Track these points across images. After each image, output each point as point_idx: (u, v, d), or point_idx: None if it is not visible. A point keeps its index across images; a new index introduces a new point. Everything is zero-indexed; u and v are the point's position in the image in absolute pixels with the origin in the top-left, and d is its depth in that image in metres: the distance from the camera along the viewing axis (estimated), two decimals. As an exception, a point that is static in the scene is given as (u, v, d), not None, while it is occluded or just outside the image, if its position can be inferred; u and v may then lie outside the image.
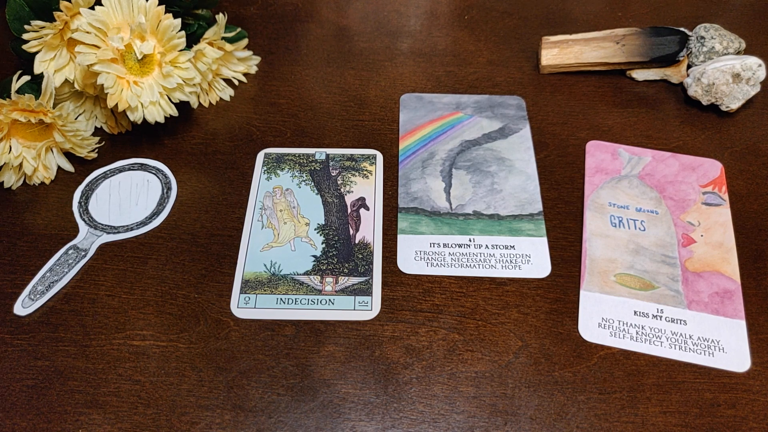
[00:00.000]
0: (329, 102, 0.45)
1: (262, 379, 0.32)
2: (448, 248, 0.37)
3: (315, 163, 0.41)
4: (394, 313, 0.35)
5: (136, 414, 0.31)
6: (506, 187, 0.40)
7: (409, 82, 0.46)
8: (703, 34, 0.45)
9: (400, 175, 0.41)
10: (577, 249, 0.37)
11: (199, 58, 0.42)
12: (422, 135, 0.43)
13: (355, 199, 0.39)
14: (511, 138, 0.43)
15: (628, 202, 0.39)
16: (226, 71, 0.46)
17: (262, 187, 0.40)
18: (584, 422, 0.31)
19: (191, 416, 0.31)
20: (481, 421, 0.31)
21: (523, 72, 0.47)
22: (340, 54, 0.48)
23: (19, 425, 0.31)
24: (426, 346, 0.33)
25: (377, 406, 0.31)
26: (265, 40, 0.49)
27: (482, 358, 0.33)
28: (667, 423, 0.31)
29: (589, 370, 0.32)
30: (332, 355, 0.33)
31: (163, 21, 0.37)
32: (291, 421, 0.31)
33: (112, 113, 0.42)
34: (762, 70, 0.42)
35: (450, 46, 0.49)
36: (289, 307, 0.35)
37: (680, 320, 0.34)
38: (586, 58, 0.45)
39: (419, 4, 0.52)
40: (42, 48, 0.38)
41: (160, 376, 0.32)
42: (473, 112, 0.44)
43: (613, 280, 0.35)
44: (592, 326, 0.34)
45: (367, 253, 0.37)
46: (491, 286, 0.36)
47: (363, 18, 0.51)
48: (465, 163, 0.41)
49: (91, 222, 0.38)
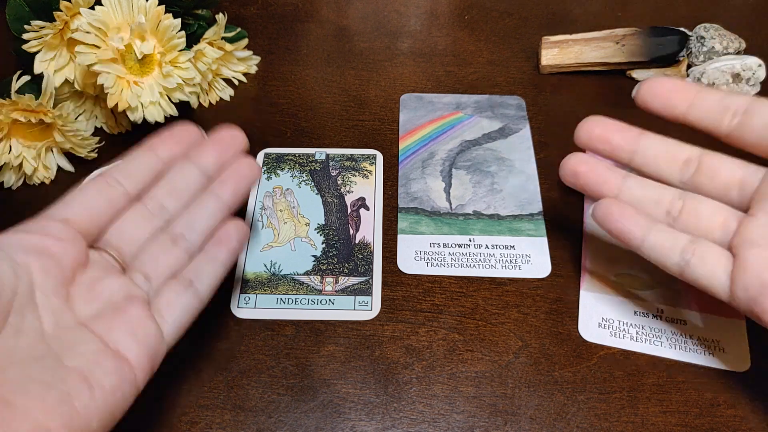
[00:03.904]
0: (329, 102, 0.45)
1: (262, 379, 0.32)
2: (448, 248, 0.37)
3: (315, 163, 0.41)
4: (394, 313, 0.35)
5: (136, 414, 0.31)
6: (506, 187, 0.40)
7: (409, 82, 0.46)
8: (703, 34, 0.45)
9: (400, 175, 0.41)
10: (577, 249, 0.37)
11: (199, 58, 0.42)
12: (422, 135, 0.43)
13: (355, 199, 0.39)
14: (511, 138, 0.43)
15: (628, 202, 0.39)
16: (226, 71, 0.46)
17: (262, 187, 0.40)
18: (584, 422, 0.31)
19: (191, 416, 0.31)
20: (481, 421, 0.31)
21: (523, 72, 0.47)
22: (340, 54, 0.48)
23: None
24: (426, 346, 0.33)
25: (377, 406, 0.31)
26: (265, 40, 0.49)
27: (482, 358, 0.33)
28: (667, 423, 0.31)
29: (589, 370, 0.32)
30: (332, 355, 0.33)
31: (163, 21, 0.37)
32: (291, 421, 0.31)
33: (112, 113, 0.42)
34: (762, 70, 0.42)
35: (450, 46, 0.49)
36: (289, 307, 0.35)
37: (680, 320, 0.34)
38: (586, 58, 0.45)
39: (419, 4, 0.52)
40: (42, 48, 0.38)
41: (160, 376, 0.32)
42: (473, 112, 0.44)
43: (613, 280, 0.35)
44: (592, 326, 0.34)
45: (367, 253, 0.37)
46: (491, 286, 0.36)
47: (363, 18, 0.51)
48: (465, 163, 0.41)
49: (91, 222, 0.38)
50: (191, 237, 0.29)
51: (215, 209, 0.30)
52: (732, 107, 0.28)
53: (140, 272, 0.28)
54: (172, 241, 0.29)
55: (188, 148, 0.31)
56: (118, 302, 0.26)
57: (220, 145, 0.31)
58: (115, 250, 0.28)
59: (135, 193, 0.29)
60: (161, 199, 0.30)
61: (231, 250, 0.30)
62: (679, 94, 0.30)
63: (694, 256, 0.28)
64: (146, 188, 0.30)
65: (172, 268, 0.28)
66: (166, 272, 0.28)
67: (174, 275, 0.28)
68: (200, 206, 0.30)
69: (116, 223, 0.28)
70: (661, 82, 0.30)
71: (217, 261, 0.29)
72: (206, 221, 0.29)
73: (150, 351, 0.26)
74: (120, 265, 0.28)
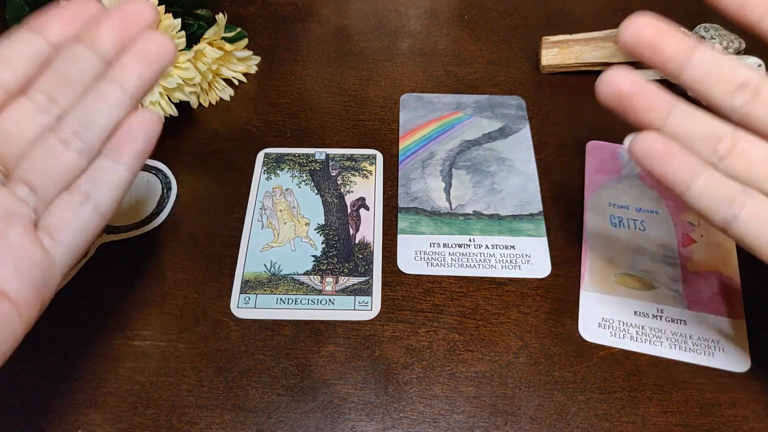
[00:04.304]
0: (329, 102, 0.45)
1: (262, 379, 0.32)
2: (448, 248, 0.37)
3: (315, 163, 0.41)
4: (394, 313, 0.35)
5: (136, 414, 0.31)
6: (506, 187, 0.40)
7: (409, 82, 0.46)
8: (703, 34, 0.45)
9: (400, 175, 0.41)
10: (577, 249, 0.37)
11: (199, 58, 0.42)
12: (422, 135, 0.43)
13: (355, 199, 0.39)
14: (511, 138, 0.43)
15: (628, 202, 0.39)
16: (226, 71, 0.46)
17: (262, 187, 0.40)
18: (584, 422, 0.31)
19: (191, 416, 0.31)
20: (481, 421, 0.31)
21: (523, 72, 0.47)
22: (340, 54, 0.48)
23: (18, 425, 0.31)
24: (426, 346, 0.33)
25: (377, 406, 0.31)
26: (265, 40, 0.49)
27: (482, 358, 0.33)
28: (668, 423, 0.31)
29: (590, 370, 0.32)
30: (332, 355, 0.33)
31: (163, 21, 0.37)
32: (291, 421, 0.31)
33: (112, 113, 0.42)
34: (762, 70, 0.42)
35: (450, 46, 0.49)
36: (289, 307, 0.35)
37: (680, 320, 0.34)
38: (586, 58, 0.45)
39: (419, 4, 0.52)
40: (42, 48, 0.38)
41: (160, 376, 0.32)
42: (473, 112, 0.44)
43: (613, 280, 0.35)
44: (592, 326, 0.34)
45: (367, 253, 0.37)
46: (491, 286, 0.36)
47: (363, 18, 0.51)
48: (465, 163, 0.41)
49: (91, 222, 0.38)
50: (87, 137, 0.24)
51: (116, 100, 0.24)
52: (738, 81, 0.25)
53: (24, 182, 0.23)
54: (62, 142, 0.24)
55: (84, 28, 0.25)
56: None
57: (121, 20, 0.25)
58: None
59: (16, 86, 0.24)
60: (49, 91, 0.24)
61: (136, 151, 0.24)
62: (669, 47, 0.26)
63: (744, 209, 0.25)
64: (31, 79, 0.25)
65: (64, 176, 0.24)
66: (57, 182, 0.24)
67: (67, 186, 0.24)
68: (97, 98, 0.24)
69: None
70: (648, 23, 0.26)
71: (120, 165, 0.24)
72: (105, 116, 0.24)
73: (36, 284, 0.22)
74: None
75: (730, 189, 0.25)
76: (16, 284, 0.22)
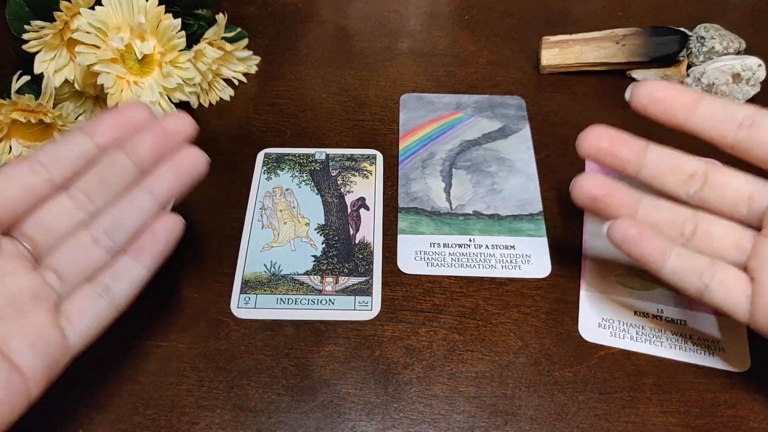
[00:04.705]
0: (329, 102, 0.45)
1: (262, 379, 0.32)
2: (448, 248, 0.37)
3: (315, 163, 0.41)
4: (394, 313, 0.35)
5: (136, 414, 0.31)
6: (506, 187, 0.40)
7: (409, 82, 0.46)
8: (703, 34, 0.45)
9: (400, 175, 0.41)
10: (577, 249, 0.37)
11: (199, 58, 0.42)
12: (422, 135, 0.43)
13: (355, 199, 0.39)
14: (511, 138, 0.43)
15: (628, 202, 0.39)
16: (226, 71, 0.46)
17: (262, 187, 0.40)
18: (584, 422, 0.31)
19: (191, 416, 0.31)
20: (481, 421, 0.31)
21: (523, 72, 0.47)
22: (340, 54, 0.48)
23: (18, 425, 0.31)
24: (426, 346, 0.33)
25: (377, 406, 0.31)
26: (265, 40, 0.49)
27: (482, 358, 0.33)
28: (668, 423, 0.31)
29: (589, 370, 0.32)
30: (332, 355, 0.33)
31: (163, 21, 0.37)
32: (291, 421, 0.31)
33: (112, 113, 0.42)
34: (762, 70, 0.42)
35: (450, 46, 0.49)
36: (289, 307, 0.35)
37: (680, 320, 0.34)
38: (586, 58, 0.45)
39: (419, 4, 0.52)
40: (42, 48, 0.38)
41: (160, 376, 0.32)
42: (473, 112, 0.44)
43: (613, 280, 0.35)
44: (592, 326, 0.34)
45: (367, 253, 0.37)
46: (491, 286, 0.36)
47: (363, 18, 0.51)
48: (465, 163, 0.41)
49: (91, 222, 0.38)
50: (115, 237, 0.27)
51: (145, 207, 0.27)
52: (738, 118, 0.28)
53: (53, 270, 0.26)
54: (92, 239, 0.26)
55: (131, 133, 0.28)
56: (23, 302, 0.24)
57: (162, 132, 0.28)
58: (30, 240, 0.26)
59: (60, 182, 0.27)
60: (88, 192, 0.27)
61: (155, 253, 0.27)
62: (678, 101, 0.28)
63: (713, 281, 0.27)
64: (74, 177, 0.27)
65: (89, 268, 0.26)
66: (82, 273, 0.26)
67: (90, 277, 0.26)
68: (130, 203, 0.27)
69: (35, 213, 0.26)
70: (658, 86, 0.29)
71: (139, 265, 0.27)
72: (133, 220, 0.27)
73: (49, 362, 0.24)
74: (33, 257, 0.26)
75: (699, 263, 0.28)
76: (32, 360, 0.23)
